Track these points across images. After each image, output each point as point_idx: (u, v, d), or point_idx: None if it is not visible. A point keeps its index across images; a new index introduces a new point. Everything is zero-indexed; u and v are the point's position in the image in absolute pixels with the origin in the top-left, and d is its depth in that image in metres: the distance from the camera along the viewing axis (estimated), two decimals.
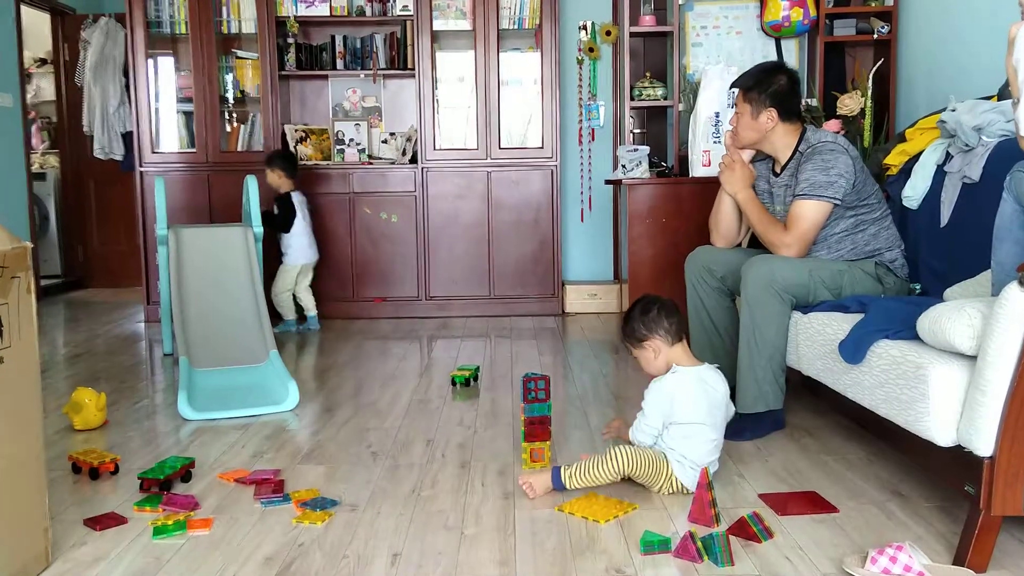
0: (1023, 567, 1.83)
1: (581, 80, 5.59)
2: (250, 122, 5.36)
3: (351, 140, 5.38)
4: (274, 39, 5.17)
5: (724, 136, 3.09)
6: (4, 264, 1.70)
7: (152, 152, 5.23)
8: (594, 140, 5.64)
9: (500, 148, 5.23)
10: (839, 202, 2.75)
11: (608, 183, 5.02)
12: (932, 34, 4.13)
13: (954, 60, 3.87)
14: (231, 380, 3.46)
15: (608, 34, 5.44)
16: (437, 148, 5.25)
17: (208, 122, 5.20)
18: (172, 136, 5.46)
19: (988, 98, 2.89)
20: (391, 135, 5.41)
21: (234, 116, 5.44)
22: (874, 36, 4.51)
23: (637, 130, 5.05)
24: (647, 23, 4.81)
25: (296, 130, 5.33)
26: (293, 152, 5.11)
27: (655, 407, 2.27)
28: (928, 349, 1.97)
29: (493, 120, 5.20)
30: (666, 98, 4.83)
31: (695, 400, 2.26)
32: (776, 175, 2.96)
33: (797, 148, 2.87)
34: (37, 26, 6.69)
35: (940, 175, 2.89)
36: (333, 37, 5.33)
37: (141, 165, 5.21)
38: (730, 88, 3.32)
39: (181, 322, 3.65)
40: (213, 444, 2.77)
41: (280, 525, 2.11)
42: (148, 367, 4.04)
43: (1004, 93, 2.83)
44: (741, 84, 2.92)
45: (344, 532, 2.06)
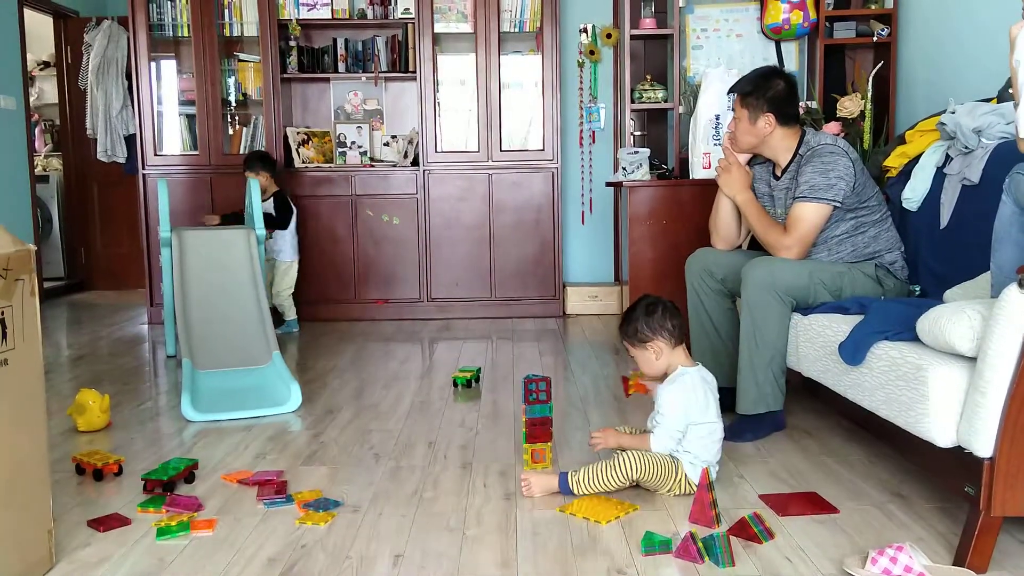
0: (1023, 567, 1.84)
1: (582, 83, 5.60)
2: (252, 125, 5.38)
3: (353, 143, 5.40)
4: (276, 42, 5.18)
5: (723, 139, 3.10)
6: (8, 267, 1.71)
7: (155, 155, 5.24)
8: (595, 142, 5.65)
9: (501, 150, 5.24)
10: (839, 204, 2.76)
11: (609, 185, 5.04)
12: (932, 37, 4.14)
13: (953, 62, 3.88)
14: (234, 382, 3.47)
15: (609, 37, 5.45)
16: (438, 150, 5.26)
17: (210, 125, 5.21)
18: (175, 139, 5.47)
19: (987, 100, 2.89)
20: (393, 138, 5.42)
21: (236, 119, 5.46)
22: (874, 39, 4.51)
23: (637, 132, 5.06)
24: (647, 26, 4.82)
25: (298, 133, 5.34)
26: (267, 152, 5.11)
27: (678, 410, 2.26)
28: (928, 350, 1.98)
29: (494, 122, 5.21)
30: (666, 101, 4.84)
31: (706, 400, 2.29)
32: (776, 179, 2.96)
33: (797, 151, 2.88)
34: (40, 29, 6.71)
35: (940, 177, 2.90)
36: (335, 40, 5.34)
37: (144, 168, 5.23)
38: (728, 93, 3.32)
39: (184, 324, 3.66)
40: (216, 446, 2.78)
41: (283, 526, 2.12)
42: (151, 369, 4.05)
43: (1003, 95, 2.84)
44: (738, 89, 2.93)
45: (347, 533, 2.07)
